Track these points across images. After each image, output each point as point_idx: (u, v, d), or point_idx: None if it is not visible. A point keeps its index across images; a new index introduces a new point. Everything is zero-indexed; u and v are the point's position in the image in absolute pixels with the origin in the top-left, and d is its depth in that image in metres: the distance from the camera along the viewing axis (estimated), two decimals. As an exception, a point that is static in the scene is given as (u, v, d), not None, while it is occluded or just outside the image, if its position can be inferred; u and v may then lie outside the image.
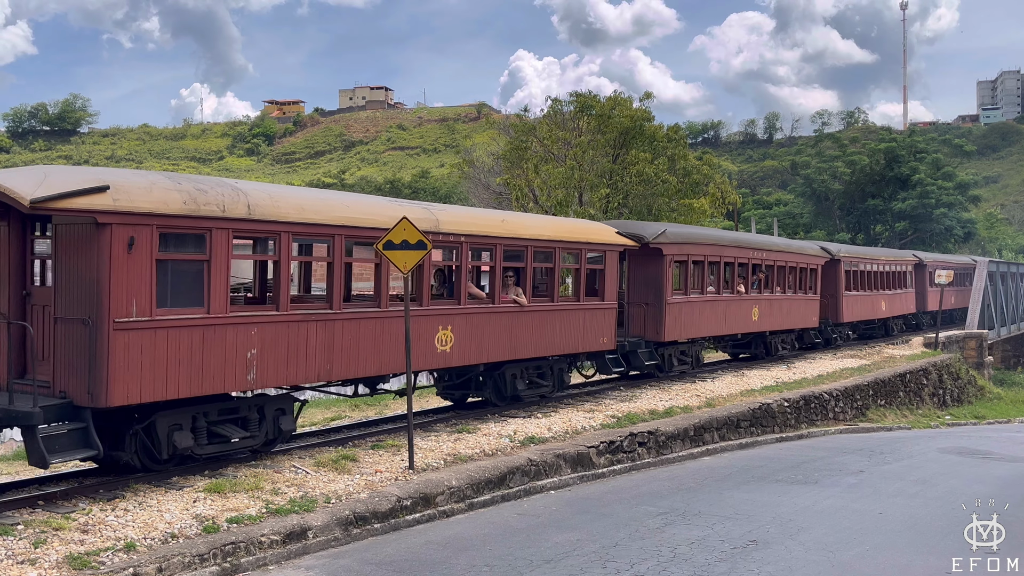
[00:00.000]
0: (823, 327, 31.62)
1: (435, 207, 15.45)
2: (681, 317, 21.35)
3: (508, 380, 16.65)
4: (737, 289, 24.84)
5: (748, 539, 10.22)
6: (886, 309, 37.01)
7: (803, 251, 29.47)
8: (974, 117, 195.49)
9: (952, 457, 17.38)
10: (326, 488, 10.98)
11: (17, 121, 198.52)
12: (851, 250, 35.54)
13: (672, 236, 20.94)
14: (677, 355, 22.44)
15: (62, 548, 8.44)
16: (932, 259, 45.18)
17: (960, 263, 48.19)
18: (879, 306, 36.12)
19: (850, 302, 32.86)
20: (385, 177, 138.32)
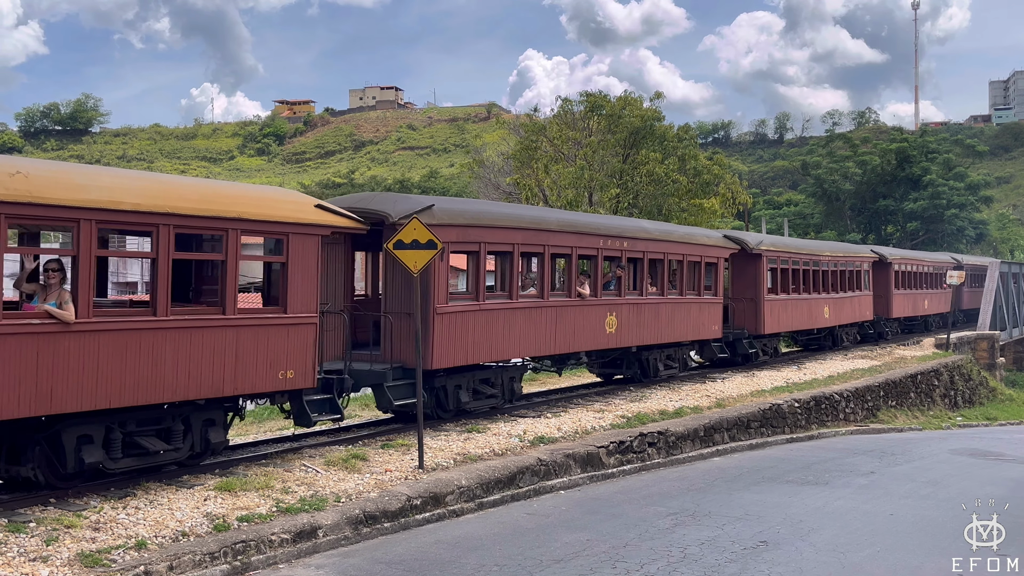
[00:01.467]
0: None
1: None
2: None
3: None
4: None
5: (758, 540, 10.19)
6: (927, 306, 42.23)
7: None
8: (986, 117, 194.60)
9: (964, 459, 17.32)
10: (336, 487, 11.00)
11: (29, 121, 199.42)
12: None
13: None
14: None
15: (74, 546, 8.48)
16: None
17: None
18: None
19: None
20: (395, 177, 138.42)
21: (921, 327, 41.79)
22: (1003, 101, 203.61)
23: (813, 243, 33.11)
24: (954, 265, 42.62)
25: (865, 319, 33.93)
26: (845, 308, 31.60)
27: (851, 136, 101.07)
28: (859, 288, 33.04)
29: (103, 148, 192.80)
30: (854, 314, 32.57)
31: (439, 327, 14.37)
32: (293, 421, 12.98)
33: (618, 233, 19.27)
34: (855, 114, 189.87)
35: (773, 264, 25.98)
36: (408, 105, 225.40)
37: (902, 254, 39.63)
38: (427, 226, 12.25)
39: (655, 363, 21.36)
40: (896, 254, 38.07)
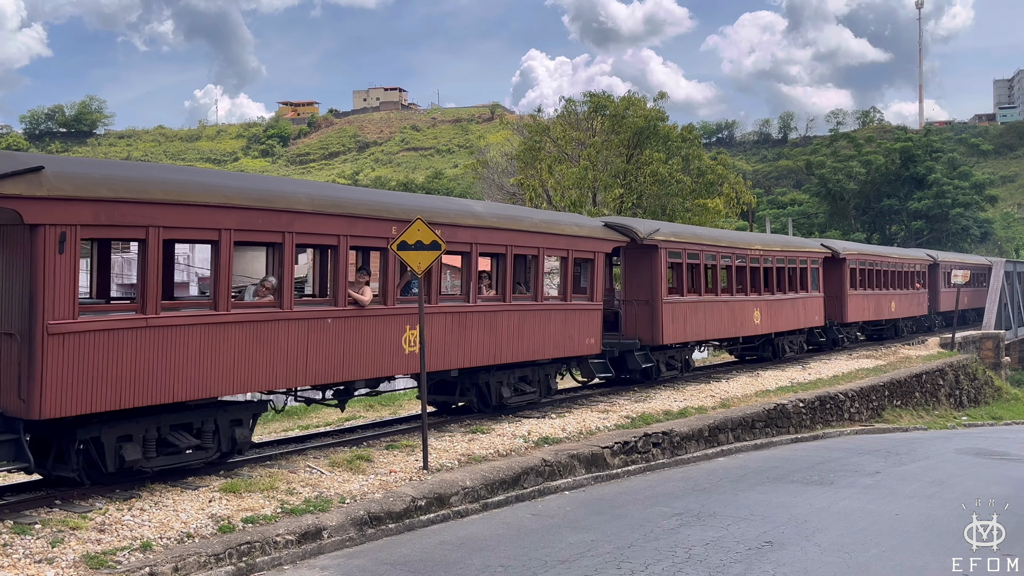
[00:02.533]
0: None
1: None
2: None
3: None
4: None
5: (763, 540, 10.18)
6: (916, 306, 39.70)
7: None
8: (991, 116, 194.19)
9: (969, 458, 17.29)
10: (341, 488, 11.01)
11: (34, 123, 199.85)
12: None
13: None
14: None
15: (79, 547, 8.49)
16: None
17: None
18: None
19: None
20: (399, 179, 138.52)
21: (890, 333, 36.85)
22: (1008, 100, 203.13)
23: (738, 234, 28.51)
24: (930, 262, 39.57)
25: (813, 324, 28.86)
26: (784, 312, 26.52)
27: (855, 135, 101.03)
28: (804, 288, 27.91)
29: (107, 150, 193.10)
30: (797, 319, 27.38)
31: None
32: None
33: (429, 218, 13.21)
34: (859, 113, 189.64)
35: (676, 258, 21.12)
36: (412, 106, 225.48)
37: (860, 248, 34.26)
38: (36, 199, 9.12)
39: (498, 389, 15.97)
40: (852, 248, 32.90)
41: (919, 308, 38.48)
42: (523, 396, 16.64)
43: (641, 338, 20.20)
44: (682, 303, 21.24)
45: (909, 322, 38.46)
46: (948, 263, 42.16)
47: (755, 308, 24.75)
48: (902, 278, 36.82)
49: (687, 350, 22.58)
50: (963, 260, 45.85)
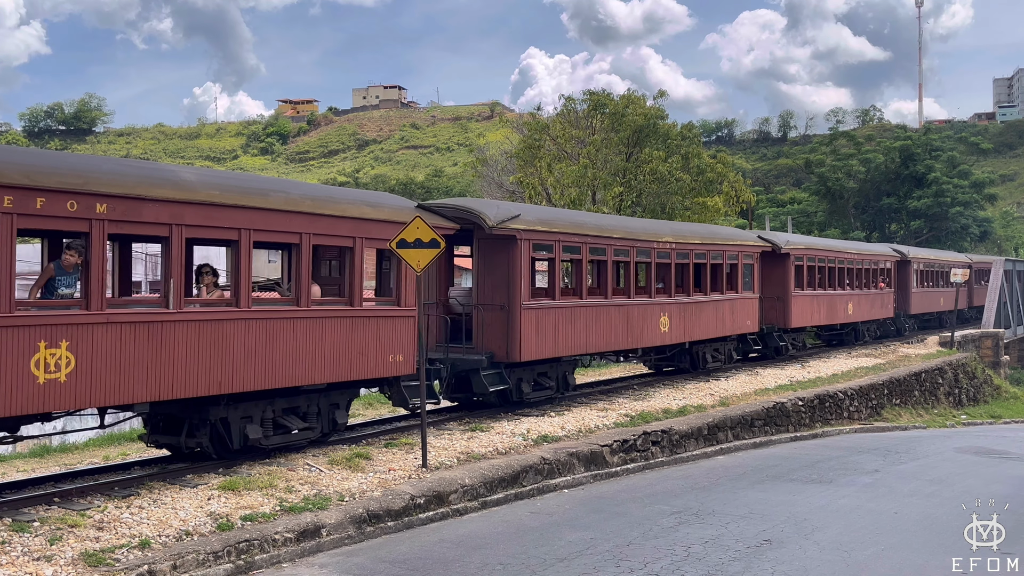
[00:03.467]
0: None
1: None
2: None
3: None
4: None
5: (762, 538, 10.18)
6: None
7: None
8: (990, 115, 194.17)
9: (968, 457, 17.29)
10: (340, 486, 11.00)
11: (33, 120, 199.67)
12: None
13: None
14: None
15: (77, 545, 8.48)
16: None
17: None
18: None
19: None
20: (398, 178, 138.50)
21: (850, 337, 33.07)
22: (1007, 99, 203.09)
23: (642, 222, 22.67)
24: (898, 259, 36.47)
25: (744, 330, 24.54)
26: (704, 317, 22.13)
27: (855, 134, 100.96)
28: (734, 288, 24.06)
29: (107, 148, 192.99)
30: (721, 324, 23.04)
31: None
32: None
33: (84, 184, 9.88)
34: (859, 112, 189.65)
35: (545, 252, 17.10)
36: (411, 104, 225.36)
37: (807, 242, 30.21)
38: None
39: (242, 428, 11.96)
40: (798, 242, 28.70)
41: (883, 310, 34.64)
42: (288, 436, 12.55)
43: (495, 353, 15.96)
44: (552, 309, 16.87)
45: (872, 326, 34.80)
46: (920, 260, 39.12)
47: (662, 313, 20.41)
48: (863, 276, 33.01)
49: (565, 366, 17.98)
50: (939, 257, 42.79)
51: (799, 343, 28.96)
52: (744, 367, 25.17)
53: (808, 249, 28.77)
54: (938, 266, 41.40)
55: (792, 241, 27.93)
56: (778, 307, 27.07)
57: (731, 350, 24.69)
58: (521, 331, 16.02)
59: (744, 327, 24.54)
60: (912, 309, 37.87)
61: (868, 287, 33.30)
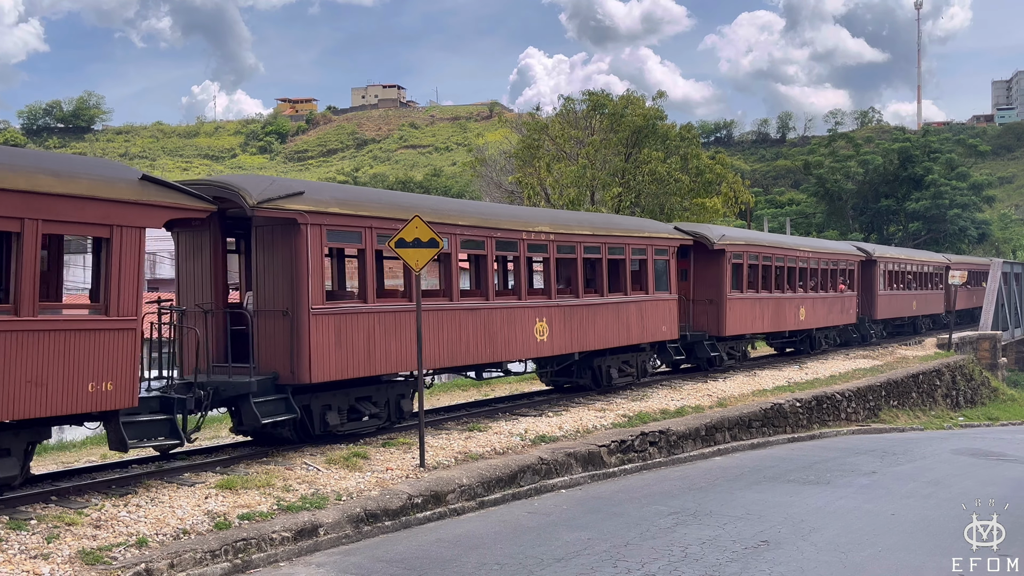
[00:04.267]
0: None
1: None
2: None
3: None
4: None
5: (759, 539, 10.18)
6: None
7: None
8: (989, 117, 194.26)
9: (965, 459, 17.30)
10: (337, 485, 11.00)
11: (32, 118, 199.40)
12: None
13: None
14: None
15: (75, 543, 8.48)
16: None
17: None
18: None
19: None
20: (397, 176, 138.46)
21: (805, 345, 29.89)
22: (1006, 101, 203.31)
23: (508, 209, 21.52)
24: (862, 258, 32.96)
25: (660, 338, 21.11)
26: (600, 322, 18.74)
27: (853, 136, 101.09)
28: (643, 289, 20.57)
29: (105, 146, 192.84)
30: (624, 332, 19.53)
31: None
32: None
33: None
34: (858, 114, 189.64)
35: (347, 244, 14.26)
36: (410, 103, 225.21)
37: (747, 237, 25.80)
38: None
39: None
40: (736, 238, 24.53)
41: (844, 315, 31.13)
42: None
43: (279, 373, 12.61)
44: (363, 314, 13.44)
45: (832, 332, 31.23)
46: (889, 259, 35.94)
47: (538, 318, 17.06)
48: (819, 277, 29.34)
49: (400, 387, 14.72)
50: (910, 257, 39.50)
51: (738, 352, 25.32)
52: (665, 381, 22.08)
53: (748, 245, 24.94)
54: (910, 266, 38.30)
55: (728, 236, 24.25)
56: (711, 311, 23.35)
57: (644, 362, 21.22)
58: (311, 343, 12.53)
59: (659, 334, 20.94)
60: (879, 314, 34.33)
61: (825, 289, 29.91)
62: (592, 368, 19.40)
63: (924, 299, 40.18)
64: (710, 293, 23.31)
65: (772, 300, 25.95)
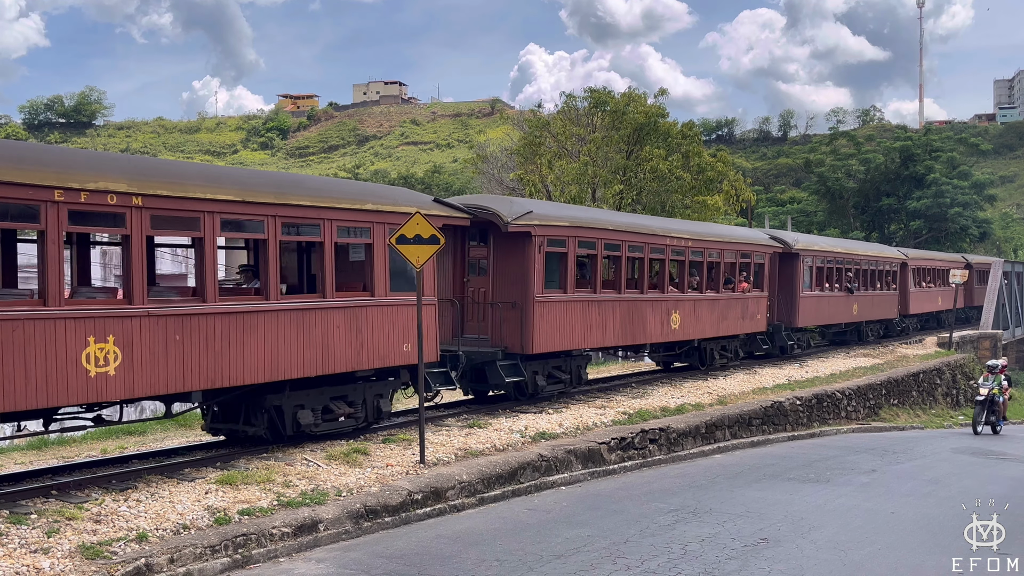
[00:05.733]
0: None
1: None
2: None
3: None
4: None
5: (759, 537, 10.19)
6: None
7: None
8: (991, 116, 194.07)
9: (965, 457, 17.31)
10: (337, 481, 11.01)
11: (33, 113, 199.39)
12: None
13: None
14: None
15: (75, 538, 8.49)
16: None
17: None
18: None
19: None
20: (399, 172, 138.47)
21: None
22: (1008, 100, 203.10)
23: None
24: (779, 250, 26.38)
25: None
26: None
27: (855, 134, 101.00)
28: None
29: (107, 141, 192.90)
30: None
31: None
32: None
33: None
34: (859, 112, 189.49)
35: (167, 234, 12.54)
36: (412, 100, 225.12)
37: (572, 217, 18.05)
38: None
39: None
40: (631, 225, 19.88)
41: (750, 322, 24.62)
42: None
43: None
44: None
45: (731, 343, 24.58)
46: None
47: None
48: (707, 272, 22.68)
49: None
50: (850, 250, 32.33)
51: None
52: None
53: (573, 227, 18.18)
54: (849, 262, 33.22)
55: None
56: (512, 319, 17.50)
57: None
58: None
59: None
60: (801, 320, 29.13)
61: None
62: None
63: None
64: (517, 296, 16.65)
65: (624, 304, 19.27)
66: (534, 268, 16.50)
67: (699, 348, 23.20)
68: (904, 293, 37.44)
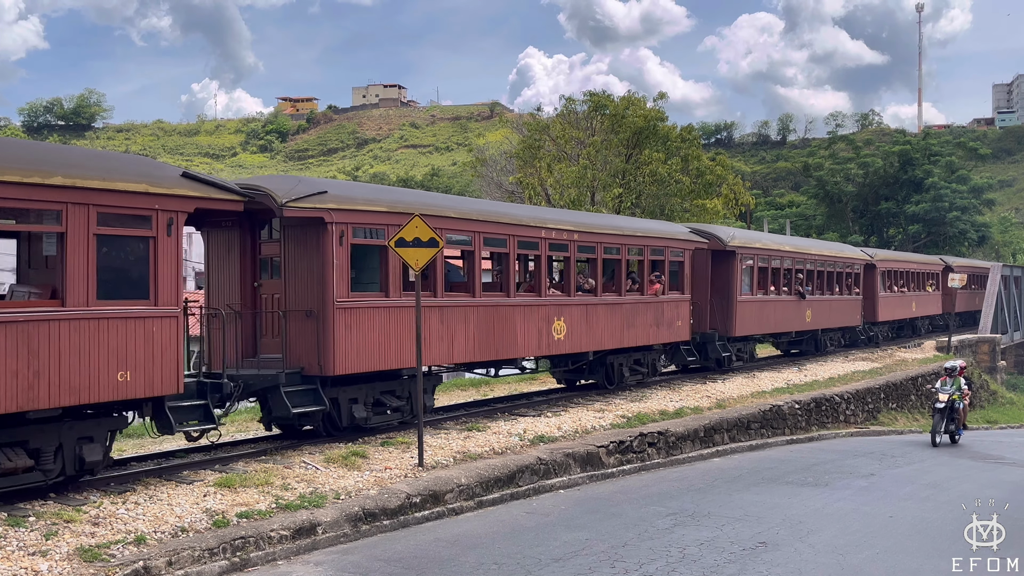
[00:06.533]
0: None
1: None
2: None
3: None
4: None
5: (757, 541, 10.19)
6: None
7: None
8: (989, 120, 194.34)
9: (964, 461, 17.31)
10: (336, 484, 11.01)
11: (32, 116, 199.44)
12: None
13: None
14: None
15: (73, 540, 8.48)
16: None
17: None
18: None
19: None
20: (398, 175, 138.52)
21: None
22: (1006, 104, 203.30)
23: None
24: (702, 246, 22.77)
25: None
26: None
27: (854, 138, 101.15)
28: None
29: (106, 144, 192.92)
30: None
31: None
32: None
33: None
34: (858, 116, 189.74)
35: None
36: (411, 103, 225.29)
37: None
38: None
39: None
40: (487, 213, 16.25)
41: (667, 330, 21.05)
42: None
43: None
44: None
45: (647, 355, 20.97)
46: (755, 253, 25.09)
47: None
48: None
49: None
50: (800, 250, 29.05)
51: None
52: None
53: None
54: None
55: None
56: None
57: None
58: None
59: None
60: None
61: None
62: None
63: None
64: (310, 299, 13.41)
65: (468, 309, 15.50)
66: (332, 265, 12.76)
67: (604, 363, 19.48)
68: (871, 298, 34.18)
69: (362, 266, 13.69)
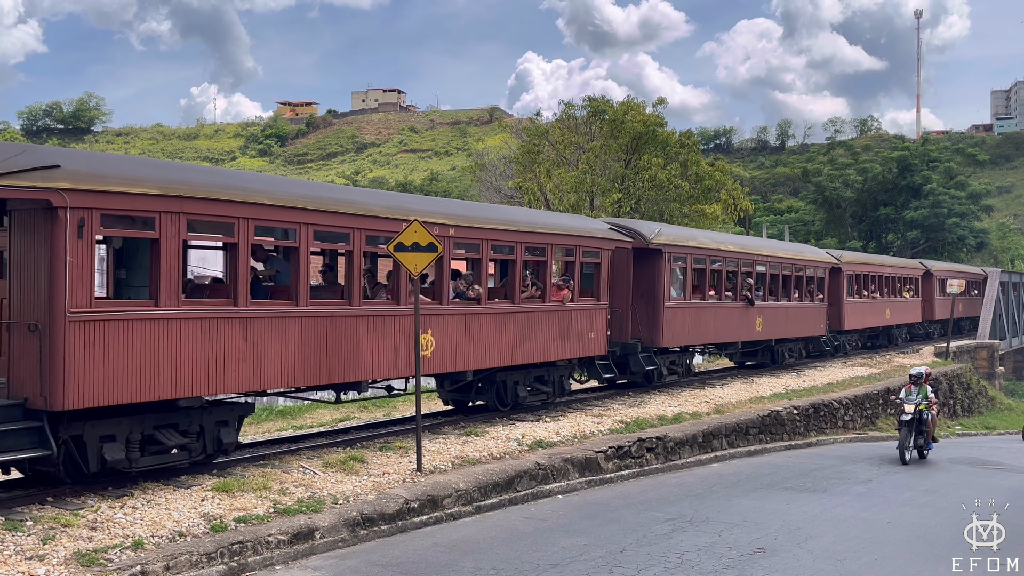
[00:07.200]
0: None
1: None
2: None
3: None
4: None
5: (756, 546, 10.18)
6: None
7: None
8: (988, 126, 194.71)
9: (962, 467, 17.31)
10: (334, 489, 10.99)
11: (32, 119, 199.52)
12: None
13: None
14: None
15: (70, 545, 8.46)
16: None
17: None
18: None
19: None
20: (397, 179, 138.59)
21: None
22: (1005, 111, 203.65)
23: None
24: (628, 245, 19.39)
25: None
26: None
27: (852, 144, 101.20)
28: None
29: (105, 147, 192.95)
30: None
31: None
32: None
33: None
34: (857, 122, 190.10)
35: None
36: (410, 108, 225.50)
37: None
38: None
39: None
40: (316, 200, 12.52)
41: (576, 343, 17.86)
42: None
43: None
44: None
45: (552, 373, 17.74)
46: (688, 252, 21.60)
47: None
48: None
49: None
50: (748, 249, 25.63)
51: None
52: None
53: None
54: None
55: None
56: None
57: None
58: None
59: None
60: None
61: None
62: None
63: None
64: (36, 309, 10.14)
65: (288, 321, 12.14)
66: (65, 265, 9.55)
67: (493, 381, 16.47)
68: (837, 304, 30.66)
69: (130, 266, 11.25)
